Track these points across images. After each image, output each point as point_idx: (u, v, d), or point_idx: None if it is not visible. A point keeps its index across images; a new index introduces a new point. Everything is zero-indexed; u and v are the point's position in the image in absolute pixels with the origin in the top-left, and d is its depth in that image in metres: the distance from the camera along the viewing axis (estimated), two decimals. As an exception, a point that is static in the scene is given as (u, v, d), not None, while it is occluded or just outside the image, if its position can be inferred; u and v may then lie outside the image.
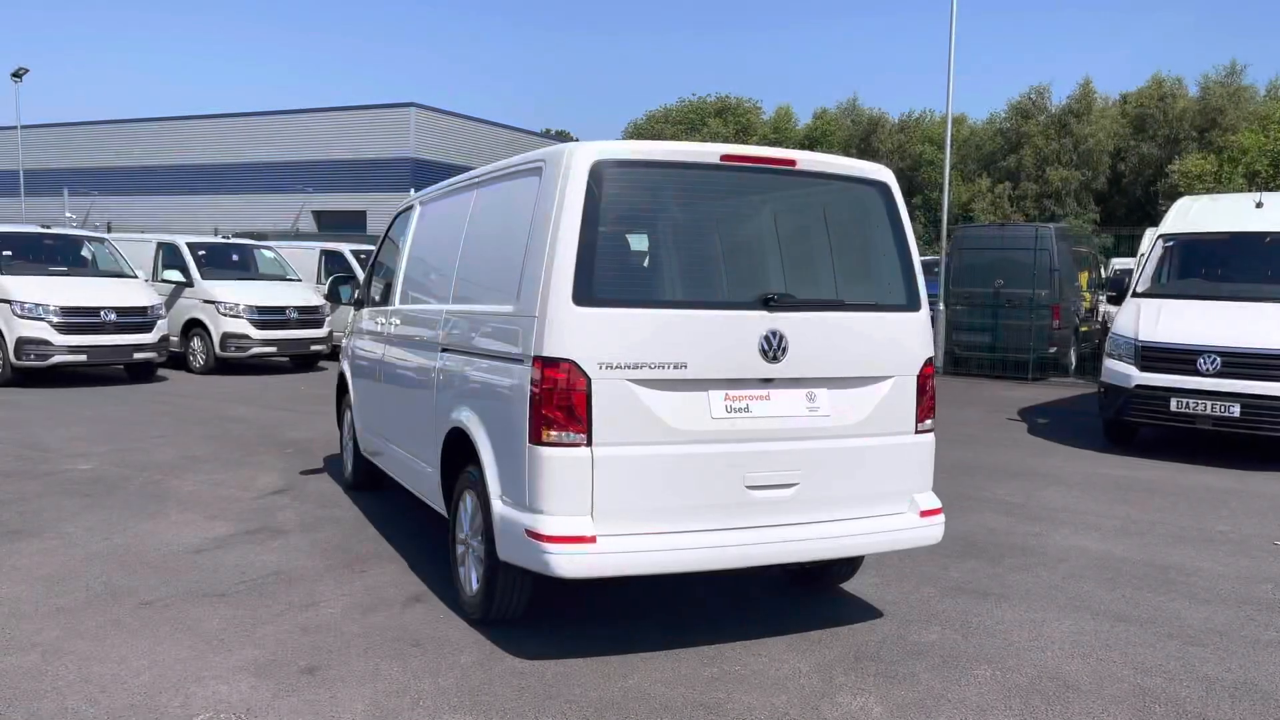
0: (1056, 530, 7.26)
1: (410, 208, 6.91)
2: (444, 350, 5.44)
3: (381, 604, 5.27)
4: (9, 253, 14.10)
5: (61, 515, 6.89)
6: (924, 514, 4.90)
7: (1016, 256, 17.55)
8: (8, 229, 14.76)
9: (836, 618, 5.27)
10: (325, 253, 19.29)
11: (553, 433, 4.25)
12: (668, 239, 4.72)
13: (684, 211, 4.71)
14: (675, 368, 4.35)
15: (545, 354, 4.26)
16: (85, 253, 15.23)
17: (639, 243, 4.79)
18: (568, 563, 4.21)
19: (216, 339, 15.71)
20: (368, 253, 16.42)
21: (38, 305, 13.43)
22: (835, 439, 4.68)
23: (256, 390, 14.16)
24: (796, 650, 4.80)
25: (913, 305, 4.93)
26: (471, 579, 4.99)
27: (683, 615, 5.26)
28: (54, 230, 15.42)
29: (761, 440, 4.53)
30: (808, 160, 4.76)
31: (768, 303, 4.51)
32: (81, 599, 5.23)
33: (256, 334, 15.79)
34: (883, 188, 4.96)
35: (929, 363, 4.97)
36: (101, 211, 44.73)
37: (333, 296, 7.52)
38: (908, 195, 49.86)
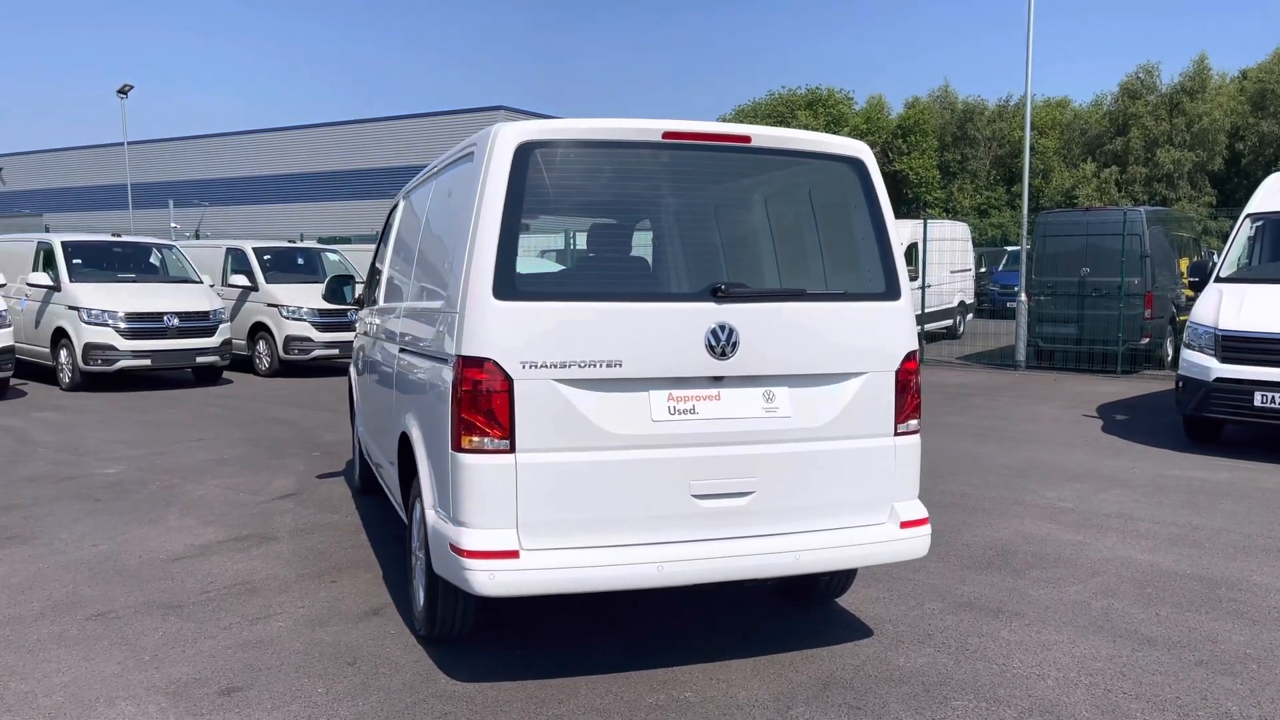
0: (1102, 539, 6.61)
1: (397, 203, 6.68)
2: (401, 350, 5.18)
3: (336, 617, 5.03)
4: (79, 261, 14.48)
5: (63, 521, 6.87)
6: (906, 525, 4.40)
7: (1104, 243, 16.51)
8: (78, 238, 15.17)
9: (818, 637, 4.81)
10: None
11: (473, 438, 3.92)
12: (604, 225, 4.33)
13: (623, 195, 4.32)
14: (608, 366, 3.97)
15: (464, 353, 3.94)
16: (154, 259, 15.57)
17: (570, 231, 4.41)
18: (487, 580, 3.88)
19: (280, 342, 15.89)
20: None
21: (104, 312, 13.75)
22: (797, 442, 4.23)
23: (311, 393, 14.22)
24: (761, 675, 4.36)
25: (891, 294, 4.43)
26: (420, 594, 4.71)
27: (650, 633, 4.87)
28: (124, 238, 15.79)
29: (710, 444, 4.11)
30: (766, 136, 4.31)
31: (716, 294, 4.09)
32: (37, 609, 5.12)
33: (319, 336, 15.91)
34: (857, 165, 4.48)
35: (911, 356, 4.46)
36: (209, 221, 46.47)
37: (333, 297, 7.35)
38: (1008, 183, 48.12)
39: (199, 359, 14.45)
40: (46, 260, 14.51)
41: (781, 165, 4.47)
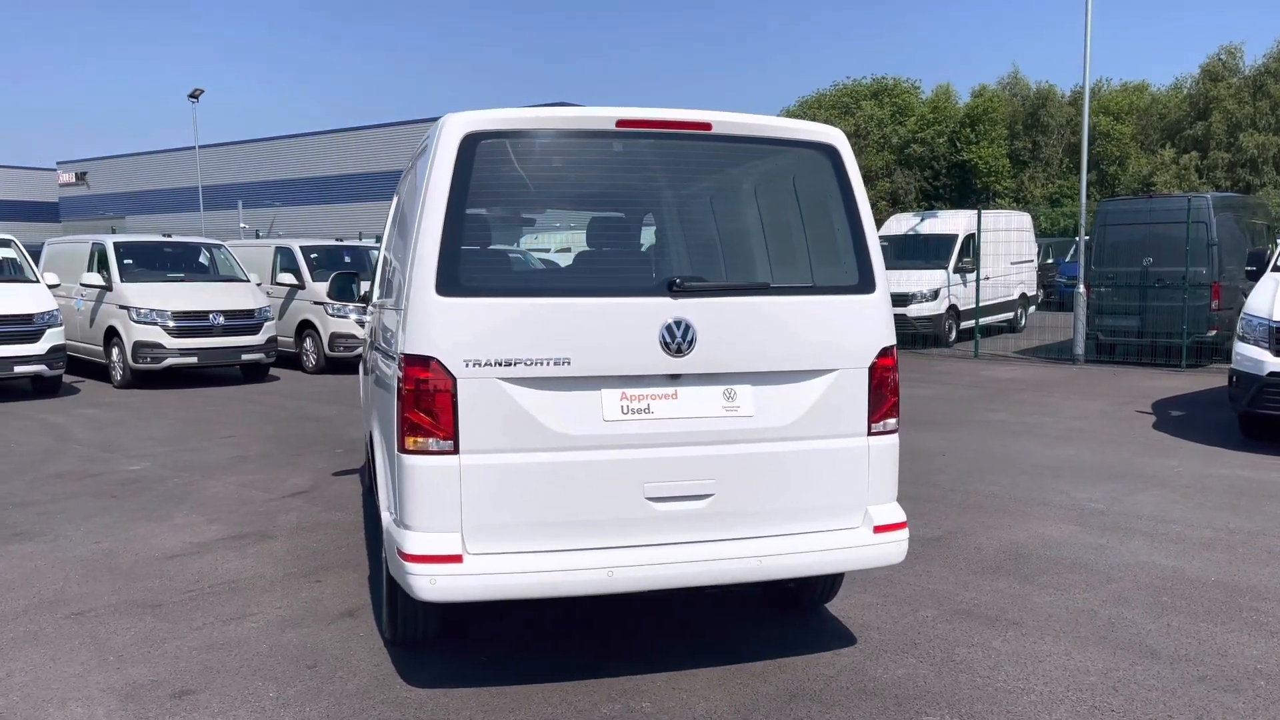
0: (1127, 542, 6.26)
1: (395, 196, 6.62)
2: (371, 348, 5.11)
3: (310, 618, 4.97)
4: (130, 261, 14.79)
5: (74, 518, 6.96)
6: (880, 529, 4.18)
7: (1168, 231, 15.83)
8: (129, 239, 15.52)
9: (798, 645, 4.61)
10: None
11: (417, 439, 3.81)
12: (556, 219, 4.18)
13: (577, 186, 4.16)
14: (556, 364, 3.83)
15: (407, 350, 3.83)
16: (202, 259, 15.84)
17: (520, 224, 4.27)
18: (428, 585, 3.76)
19: (325, 339, 16.06)
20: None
21: (152, 310, 14.02)
22: (760, 443, 4.03)
23: (352, 390, 14.27)
24: (726, 685, 4.18)
25: (865, 286, 4.20)
26: (384, 597, 4.62)
27: (625, 638, 4.71)
28: (174, 238, 16.11)
29: (666, 445, 3.93)
30: (729, 123, 4.11)
31: (672, 288, 3.91)
32: (21, 607, 5.16)
33: (362, 333, 15.98)
34: (830, 151, 4.25)
35: (886, 352, 4.22)
36: (281, 221, 47.42)
37: (340, 294, 7.31)
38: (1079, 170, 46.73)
39: (244, 356, 14.66)
40: (100, 261, 14.85)
41: (747, 153, 4.27)
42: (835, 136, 4.27)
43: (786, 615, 4.99)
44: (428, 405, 3.78)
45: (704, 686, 4.17)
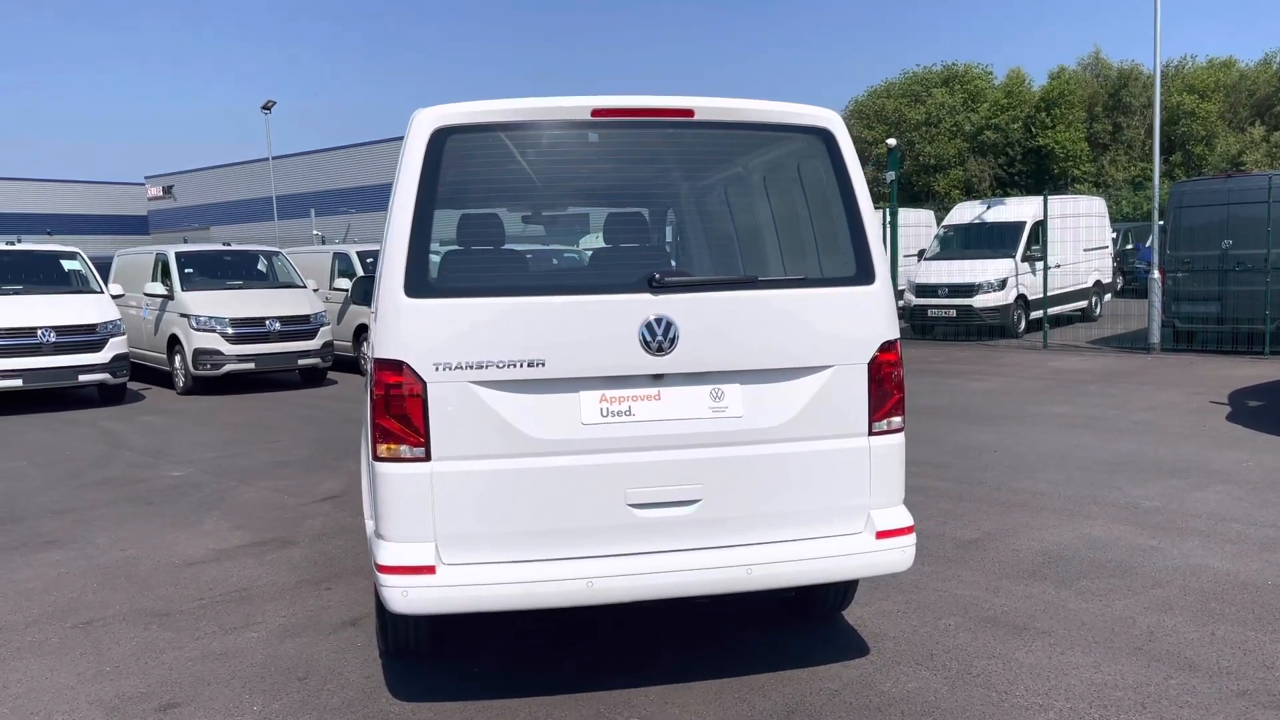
0: (1180, 543, 5.88)
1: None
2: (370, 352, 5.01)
3: (312, 628, 4.90)
4: (190, 270, 15.09)
5: (107, 525, 7.03)
6: (883, 535, 3.92)
7: (1248, 212, 15.06)
8: (190, 249, 15.83)
9: (806, 656, 4.38)
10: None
11: (389, 445, 3.68)
12: (530, 214, 4.02)
13: (552, 180, 3.99)
14: (529, 366, 3.67)
15: (377, 355, 3.72)
16: (260, 266, 16.09)
17: (490, 220, 4.10)
18: (400, 597, 3.64)
19: (382, 343, 16.14)
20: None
21: (211, 318, 14.27)
22: (750, 445, 3.82)
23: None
24: (723, 699, 3.98)
25: (864, 278, 3.95)
26: (376, 607, 4.52)
27: (624, 648, 4.54)
28: (233, 246, 16.39)
29: (648, 449, 3.75)
30: (712, 109, 3.89)
31: (652, 284, 3.72)
32: (33, 615, 5.19)
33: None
34: (825, 136, 4.01)
35: (888, 347, 3.97)
36: (356, 228, 48.20)
37: (364, 299, 7.24)
38: (1166, 151, 45.00)
39: (300, 361, 14.83)
40: (163, 271, 15.17)
41: (735, 140, 4.05)
42: (829, 119, 4.02)
43: (796, 624, 4.76)
44: (399, 411, 3.66)
45: (699, 701, 3.97)
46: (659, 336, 3.70)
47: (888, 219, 19.81)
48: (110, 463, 9.45)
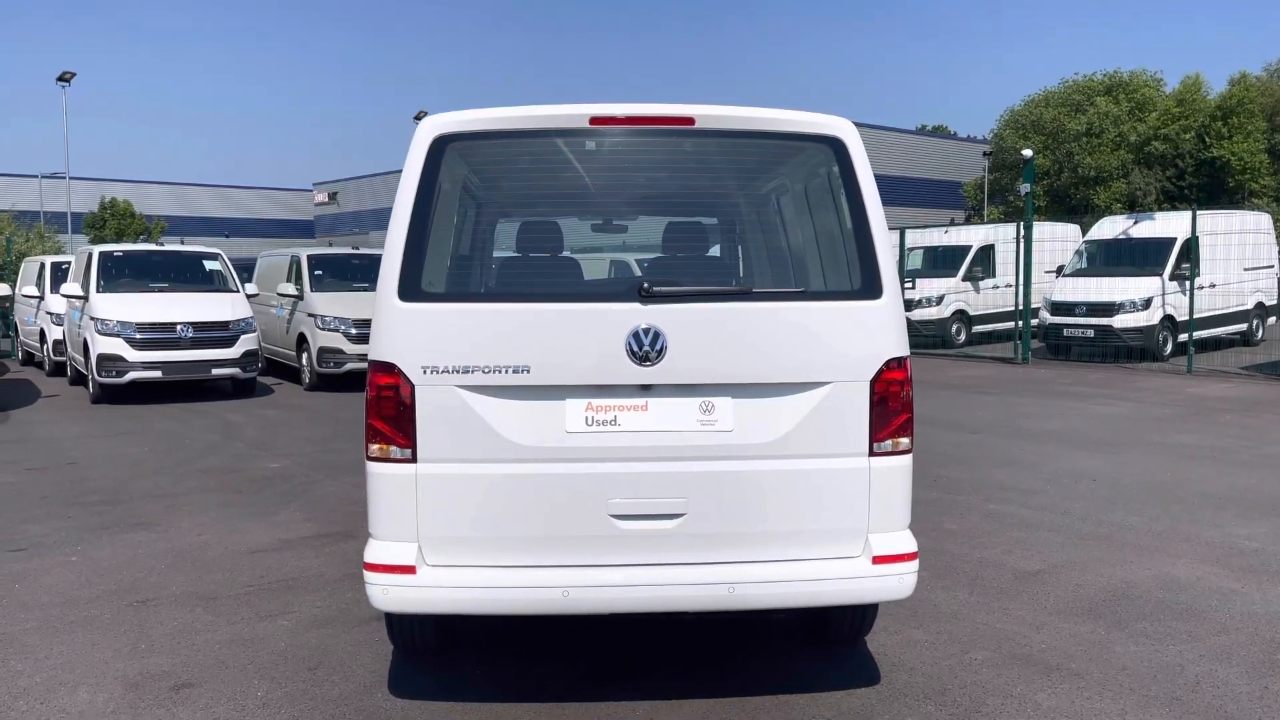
0: (1269, 589, 5.41)
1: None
2: None
3: (340, 620, 5.04)
4: (320, 272, 15.80)
5: (193, 511, 7.42)
6: (880, 560, 3.75)
7: None
8: (321, 252, 16.60)
9: (807, 681, 4.22)
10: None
11: (379, 446, 3.77)
12: (526, 221, 4.02)
13: (549, 187, 3.99)
14: (515, 372, 3.67)
15: (372, 357, 3.80)
16: (387, 270, 16.68)
17: (489, 227, 4.13)
18: (382, 594, 3.71)
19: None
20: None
21: (335, 318, 14.91)
22: (739, 460, 3.71)
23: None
24: (709, 720, 3.88)
25: (870, 292, 3.78)
26: (390, 603, 4.60)
27: (624, 659, 4.48)
28: (361, 251, 17.06)
29: (633, 460, 3.69)
30: (715, 117, 3.81)
31: (641, 293, 3.67)
32: (98, 592, 5.52)
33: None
34: (835, 145, 3.86)
35: (895, 365, 3.79)
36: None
37: None
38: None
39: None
40: (295, 273, 15.94)
41: (740, 149, 3.96)
42: (841, 128, 3.88)
43: (809, 648, 4.60)
44: (389, 412, 3.73)
45: (684, 720, 3.89)
46: (646, 346, 3.65)
47: (1020, 233, 18.98)
48: (218, 452, 9.98)
